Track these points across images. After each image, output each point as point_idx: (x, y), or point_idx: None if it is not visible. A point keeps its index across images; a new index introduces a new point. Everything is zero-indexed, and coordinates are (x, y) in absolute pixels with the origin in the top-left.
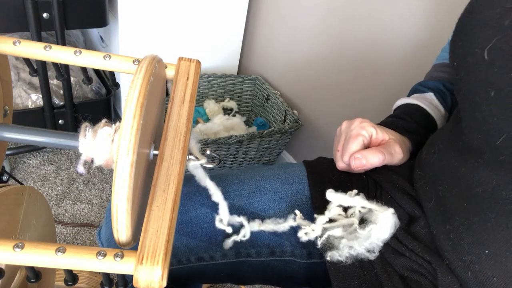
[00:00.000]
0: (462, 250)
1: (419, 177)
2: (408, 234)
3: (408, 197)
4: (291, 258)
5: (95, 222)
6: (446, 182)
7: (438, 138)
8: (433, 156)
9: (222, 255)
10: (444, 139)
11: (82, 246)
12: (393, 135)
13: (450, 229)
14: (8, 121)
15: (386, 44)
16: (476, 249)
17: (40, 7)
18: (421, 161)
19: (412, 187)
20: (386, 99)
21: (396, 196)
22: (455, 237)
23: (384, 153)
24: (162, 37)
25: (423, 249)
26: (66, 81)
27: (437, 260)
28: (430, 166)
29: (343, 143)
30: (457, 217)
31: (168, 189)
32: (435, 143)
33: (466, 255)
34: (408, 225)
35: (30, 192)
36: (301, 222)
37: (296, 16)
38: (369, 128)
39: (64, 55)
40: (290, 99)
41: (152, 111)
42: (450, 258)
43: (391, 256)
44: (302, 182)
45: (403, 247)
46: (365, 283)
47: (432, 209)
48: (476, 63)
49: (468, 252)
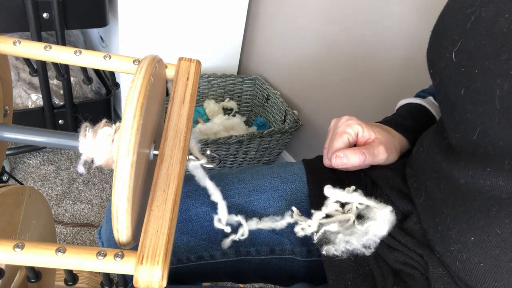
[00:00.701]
0: (450, 240)
1: (409, 175)
2: (401, 230)
3: (402, 195)
4: (291, 256)
5: (95, 222)
6: (433, 178)
7: (426, 137)
8: (421, 155)
9: (222, 253)
10: (430, 138)
11: (82, 246)
12: (380, 134)
13: (439, 222)
14: (8, 121)
15: (386, 44)
16: (462, 237)
17: (40, 7)
18: (411, 160)
19: (405, 184)
20: (386, 99)
21: (390, 194)
22: (443, 228)
23: (365, 154)
24: (162, 37)
25: (415, 244)
26: (66, 81)
27: (428, 253)
28: (419, 164)
29: (329, 140)
30: (445, 209)
31: (168, 189)
32: (423, 142)
33: (454, 245)
34: (401, 222)
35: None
36: (298, 218)
37: (296, 16)
38: (355, 126)
39: (64, 55)
40: (290, 99)
41: (152, 111)
42: (440, 251)
43: (385, 251)
44: (302, 180)
45: (396, 242)
46: (359, 278)
47: (423, 205)
48: (447, 67)
49: (455, 241)
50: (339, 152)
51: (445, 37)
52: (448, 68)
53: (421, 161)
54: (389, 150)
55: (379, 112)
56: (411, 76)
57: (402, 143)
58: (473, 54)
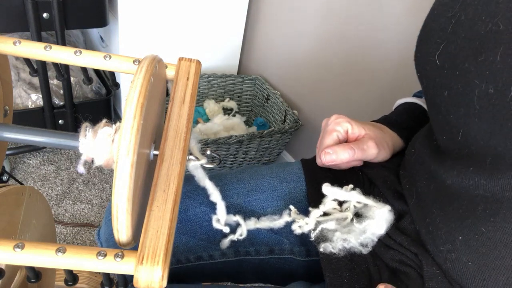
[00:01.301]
0: (440, 240)
1: (403, 176)
2: (397, 229)
3: (397, 195)
4: (290, 256)
5: (95, 222)
6: (423, 179)
7: (417, 139)
8: (413, 156)
9: (221, 254)
10: (420, 140)
11: (82, 246)
12: (370, 131)
13: (429, 222)
14: (8, 121)
15: (386, 44)
16: (451, 236)
17: (40, 7)
18: (404, 161)
19: (400, 184)
20: (386, 99)
21: (386, 193)
22: (433, 229)
23: (354, 149)
24: (162, 37)
25: (410, 243)
26: (66, 81)
27: (423, 252)
28: (410, 165)
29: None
30: (434, 210)
31: (168, 189)
32: (414, 144)
33: (444, 245)
34: (397, 221)
35: (30, 192)
36: (296, 216)
37: (296, 16)
38: (344, 123)
39: (64, 55)
40: (290, 99)
41: (152, 111)
42: (432, 251)
43: (381, 250)
44: (300, 180)
45: (392, 241)
46: (355, 276)
47: (414, 206)
48: (431, 70)
49: (444, 241)
50: (328, 149)
51: (429, 41)
52: (433, 71)
53: (412, 162)
54: (380, 145)
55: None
56: (410, 77)
57: (395, 140)
58: (454, 57)
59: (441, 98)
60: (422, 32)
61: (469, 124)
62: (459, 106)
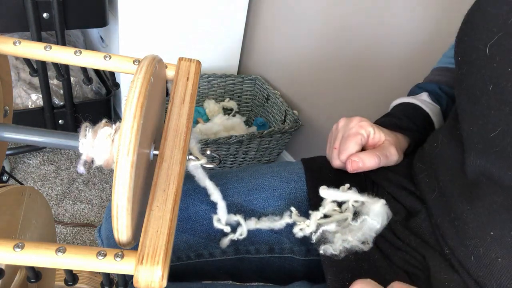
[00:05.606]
0: (466, 235)
1: (420, 170)
2: (406, 229)
3: (407, 192)
4: (290, 255)
5: (95, 222)
6: (448, 173)
7: (440, 132)
8: (436, 149)
9: (221, 251)
10: (446, 133)
11: (82, 246)
12: (389, 136)
13: (454, 217)
14: (8, 121)
15: (386, 44)
16: (480, 232)
17: (40, 7)
18: (423, 155)
19: (409, 182)
20: (386, 99)
21: (394, 192)
22: (459, 223)
23: (380, 157)
24: (162, 37)
25: (418, 244)
26: (66, 81)
27: (431, 255)
28: (432, 159)
29: (340, 141)
30: (460, 204)
31: (168, 189)
32: (437, 137)
33: (470, 240)
34: (407, 220)
35: (30, 192)
36: (297, 218)
37: (296, 16)
38: (368, 127)
39: (64, 55)
40: (290, 99)
41: (152, 111)
42: (453, 246)
43: (389, 251)
44: (301, 180)
45: (400, 242)
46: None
47: (436, 200)
48: (478, 58)
49: (472, 236)
50: (353, 157)
51: (482, 27)
52: (479, 60)
53: (435, 156)
54: (399, 151)
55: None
56: (411, 77)
57: (403, 143)
58: (509, 52)
59: (484, 90)
60: (473, 15)
61: (510, 124)
62: (505, 104)
